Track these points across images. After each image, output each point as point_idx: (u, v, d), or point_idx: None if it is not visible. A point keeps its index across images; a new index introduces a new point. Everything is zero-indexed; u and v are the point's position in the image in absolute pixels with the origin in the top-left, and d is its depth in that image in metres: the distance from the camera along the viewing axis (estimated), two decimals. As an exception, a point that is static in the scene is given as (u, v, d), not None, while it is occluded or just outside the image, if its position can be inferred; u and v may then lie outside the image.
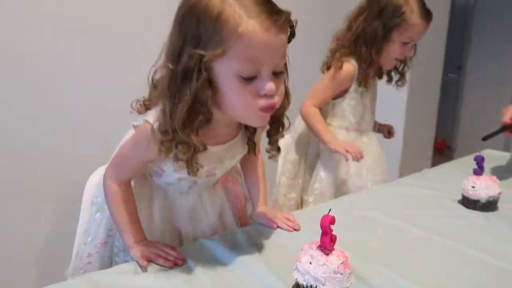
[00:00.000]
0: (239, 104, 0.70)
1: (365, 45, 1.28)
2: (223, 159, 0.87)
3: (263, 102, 0.70)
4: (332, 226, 0.63)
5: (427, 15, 1.27)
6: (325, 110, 1.37)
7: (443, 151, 4.25)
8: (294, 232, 0.92)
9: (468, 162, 1.26)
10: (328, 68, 1.32)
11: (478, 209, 1.07)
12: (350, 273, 0.65)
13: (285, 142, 1.44)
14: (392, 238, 0.92)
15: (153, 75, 0.79)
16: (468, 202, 1.09)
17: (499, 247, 0.88)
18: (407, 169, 2.36)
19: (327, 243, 0.64)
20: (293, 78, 0.79)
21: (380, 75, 1.42)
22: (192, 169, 0.74)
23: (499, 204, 1.09)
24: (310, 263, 0.64)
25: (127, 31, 1.60)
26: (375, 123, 1.54)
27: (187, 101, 0.68)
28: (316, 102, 1.32)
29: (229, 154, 0.87)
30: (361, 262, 0.77)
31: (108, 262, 0.94)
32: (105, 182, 0.86)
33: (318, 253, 0.64)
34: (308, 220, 0.95)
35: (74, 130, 1.53)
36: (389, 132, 1.56)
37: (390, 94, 1.44)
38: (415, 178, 1.35)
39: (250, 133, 0.87)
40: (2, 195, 1.42)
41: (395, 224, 0.98)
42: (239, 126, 0.85)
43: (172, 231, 0.94)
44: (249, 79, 0.68)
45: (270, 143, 0.84)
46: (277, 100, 0.72)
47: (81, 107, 1.53)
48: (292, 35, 0.72)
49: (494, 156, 1.53)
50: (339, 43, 1.32)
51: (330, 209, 0.65)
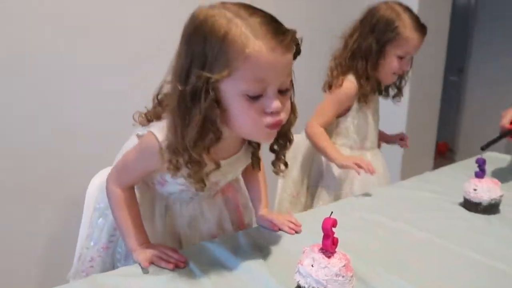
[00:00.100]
0: (246, 122, 0.71)
1: (361, 61, 1.30)
2: (226, 174, 0.88)
3: (269, 120, 0.70)
4: (334, 229, 0.63)
5: (420, 28, 1.28)
6: (329, 129, 1.37)
7: (444, 154, 4.25)
8: (296, 234, 0.93)
9: (470, 164, 1.26)
10: (329, 87, 1.34)
11: (480, 211, 1.07)
12: (352, 276, 0.65)
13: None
14: (394, 240, 0.92)
15: (158, 92, 0.81)
16: (470, 205, 1.09)
17: (501, 250, 0.88)
18: (408, 171, 2.35)
19: (329, 245, 0.64)
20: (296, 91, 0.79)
21: (380, 91, 1.43)
22: (201, 185, 0.76)
23: (500, 207, 1.09)
24: (312, 265, 0.64)
25: (127, 31, 1.60)
26: (383, 134, 1.55)
27: (197, 121, 0.68)
28: (321, 122, 1.32)
29: (233, 168, 0.88)
30: (363, 264, 0.78)
31: (110, 267, 0.94)
32: (108, 187, 0.87)
33: (320, 256, 0.64)
34: (310, 223, 0.95)
35: (75, 131, 1.53)
36: (401, 139, 1.54)
37: (391, 96, 1.44)
38: (416, 181, 1.35)
39: (254, 148, 0.89)
40: (3, 196, 1.42)
41: (396, 227, 0.98)
42: (242, 141, 0.86)
43: (173, 237, 0.95)
44: (256, 97, 0.68)
45: (278, 158, 0.84)
46: (283, 117, 0.72)
47: (82, 108, 1.53)
48: (297, 52, 0.73)
49: (496, 159, 1.53)
50: (337, 61, 1.35)
51: (332, 212, 0.65)
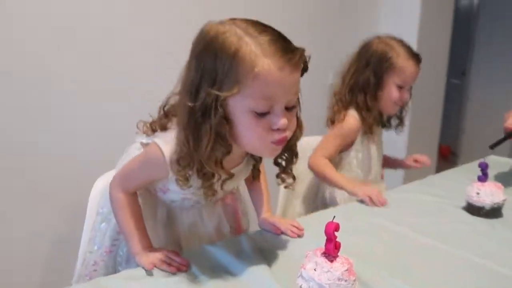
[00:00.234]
0: (252, 138, 0.72)
1: (360, 94, 1.32)
2: (228, 184, 0.88)
3: (275, 136, 0.71)
4: (336, 233, 0.63)
5: (414, 57, 1.32)
6: (331, 163, 1.35)
7: (447, 157, 4.24)
8: (299, 238, 0.93)
9: (473, 168, 1.25)
10: (332, 123, 1.36)
11: (483, 215, 1.07)
12: (354, 280, 0.65)
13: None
14: (397, 244, 0.92)
15: (165, 103, 0.83)
16: (473, 209, 1.08)
17: (504, 254, 0.87)
18: (411, 175, 2.35)
19: (331, 250, 0.64)
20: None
21: (382, 124, 1.45)
22: (212, 194, 0.78)
23: (503, 211, 1.08)
24: (315, 269, 0.64)
25: (130, 33, 1.61)
26: (390, 160, 1.55)
27: (209, 136, 0.70)
28: (325, 155, 1.31)
29: (234, 178, 0.88)
30: (366, 268, 0.78)
31: (113, 271, 0.95)
32: (111, 192, 0.88)
33: (322, 260, 0.64)
34: (313, 227, 0.95)
35: (78, 134, 1.54)
36: (416, 161, 1.53)
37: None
38: (419, 185, 1.35)
39: (256, 161, 0.91)
40: (5, 200, 1.43)
41: (399, 231, 0.98)
42: (245, 153, 0.87)
43: (174, 242, 0.96)
44: (263, 114, 0.69)
45: (285, 172, 0.85)
46: (288, 134, 0.74)
47: (84, 111, 1.54)
48: (305, 69, 0.73)
49: (498, 163, 1.53)
50: (337, 97, 1.37)
51: (334, 216, 0.65)
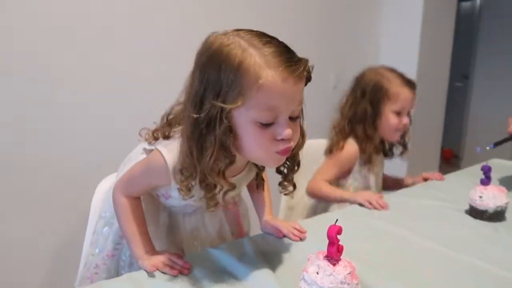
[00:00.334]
0: (257, 148, 0.72)
1: (359, 125, 1.35)
2: (229, 194, 0.89)
3: (280, 146, 0.72)
4: (339, 236, 0.63)
5: (408, 83, 1.34)
6: None
7: (450, 161, 4.23)
8: (301, 241, 0.93)
9: (475, 171, 1.25)
10: (330, 151, 1.38)
11: (486, 219, 1.06)
12: (357, 284, 0.65)
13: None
14: (399, 248, 0.92)
15: (169, 113, 0.83)
16: (476, 212, 1.08)
17: (508, 258, 0.87)
18: (414, 178, 2.35)
19: (334, 253, 0.64)
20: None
21: (385, 153, 1.46)
22: (215, 205, 0.78)
23: (506, 214, 1.08)
24: (317, 273, 0.64)
25: (131, 34, 1.62)
26: (396, 181, 1.55)
27: (213, 147, 0.70)
28: (323, 179, 1.34)
29: (237, 185, 0.88)
30: (368, 272, 0.77)
31: (115, 274, 0.96)
32: (114, 196, 0.88)
33: (325, 263, 0.64)
34: (315, 230, 0.95)
35: (81, 135, 1.54)
36: (426, 180, 1.50)
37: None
38: (422, 188, 1.35)
39: (259, 169, 0.91)
40: (7, 203, 1.43)
41: (402, 234, 0.98)
42: (246, 161, 0.87)
43: (176, 246, 0.96)
44: (267, 124, 0.70)
45: (287, 180, 0.85)
46: (293, 144, 0.74)
47: (86, 115, 1.54)
48: (308, 80, 0.74)
49: (501, 166, 1.52)
50: (336, 129, 1.39)
51: (337, 219, 0.65)
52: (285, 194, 0.87)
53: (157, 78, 1.69)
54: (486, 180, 1.09)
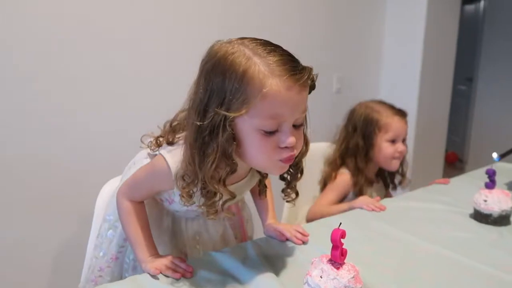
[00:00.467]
0: (260, 156, 0.72)
1: (351, 158, 1.38)
2: (229, 203, 0.89)
3: (283, 154, 0.72)
4: (342, 240, 0.63)
5: (398, 112, 1.37)
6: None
7: (454, 164, 4.21)
8: (305, 245, 0.92)
9: (480, 175, 1.25)
10: (324, 184, 1.41)
11: (491, 223, 1.06)
12: (361, 287, 0.65)
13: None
14: (403, 252, 0.91)
15: (173, 120, 0.84)
16: (480, 216, 1.08)
17: (512, 262, 0.86)
18: (417, 182, 2.34)
19: (337, 257, 0.64)
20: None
21: (386, 184, 1.48)
22: (214, 214, 0.78)
23: (511, 219, 1.07)
24: (321, 277, 0.64)
25: (139, 39, 1.62)
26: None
27: (215, 155, 0.70)
28: (322, 204, 1.35)
29: (239, 191, 0.89)
30: (372, 276, 0.77)
31: (118, 277, 0.96)
32: (118, 200, 0.89)
33: (328, 267, 0.64)
34: (319, 233, 0.95)
35: (85, 138, 1.55)
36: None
37: (400, 106, 1.44)
38: (425, 192, 1.34)
39: (262, 177, 0.91)
40: (11, 206, 1.44)
41: (405, 238, 0.97)
42: (249, 168, 0.87)
43: (179, 251, 0.97)
44: (271, 132, 0.70)
45: (289, 187, 0.85)
46: (296, 152, 0.74)
47: (90, 118, 1.55)
48: (312, 88, 0.74)
49: (506, 169, 1.52)
50: (328, 162, 1.43)
51: (340, 223, 0.65)
52: (288, 202, 0.87)
53: (161, 82, 1.69)
54: (490, 184, 1.08)
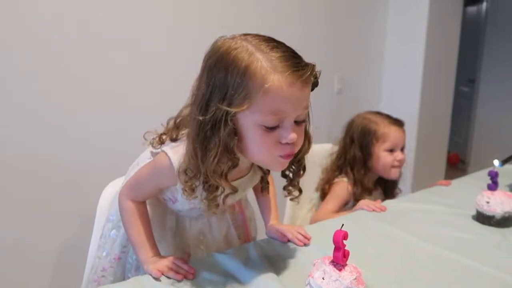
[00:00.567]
0: (261, 151, 0.73)
1: (348, 169, 1.38)
2: (230, 198, 0.89)
3: (284, 150, 0.72)
4: (345, 241, 0.63)
5: (395, 122, 1.38)
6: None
7: (456, 165, 4.20)
8: (307, 246, 0.92)
9: (482, 176, 1.24)
10: (323, 193, 1.41)
11: (493, 225, 1.05)
12: (363, 289, 0.64)
13: None
14: (405, 253, 0.91)
15: (177, 117, 0.84)
16: (483, 218, 1.07)
17: (515, 264, 0.86)
18: (419, 184, 2.34)
19: (339, 258, 0.64)
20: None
21: (385, 192, 1.47)
22: (215, 208, 0.78)
23: (514, 220, 1.07)
24: (323, 278, 0.64)
25: (140, 38, 1.62)
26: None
27: (217, 150, 0.71)
28: (325, 212, 1.35)
29: (241, 188, 0.89)
30: (374, 277, 0.77)
31: (121, 278, 0.96)
32: (120, 200, 0.89)
33: (331, 269, 0.64)
34: (321, 235, 0.95)
35: (88, 138, 1.55)
36: None
37: (402, 107, 1.44)
38: (428, 193, 1.34)
39: (264, 173, 0.92)
40: (13, 206, 1.44)
41: (408, 240, 0.97)
42: (252, 164, 0.87)
43: (182, 251, 0.97)
44: (272, 128, 0.70)
45: (292, 185, 0.86)
46: (297, 148, 0.75)
47: (93, 118, 1.55)
48: (315, 85, 0.74)
49: (508, 171, 1.51)
50: (325, 172, 1.44)
51: (342, 224, 0.65)
52: (291, 199, 0.87)
53: (161, 82, 1.69)
54: (493, 185, 1.08)
